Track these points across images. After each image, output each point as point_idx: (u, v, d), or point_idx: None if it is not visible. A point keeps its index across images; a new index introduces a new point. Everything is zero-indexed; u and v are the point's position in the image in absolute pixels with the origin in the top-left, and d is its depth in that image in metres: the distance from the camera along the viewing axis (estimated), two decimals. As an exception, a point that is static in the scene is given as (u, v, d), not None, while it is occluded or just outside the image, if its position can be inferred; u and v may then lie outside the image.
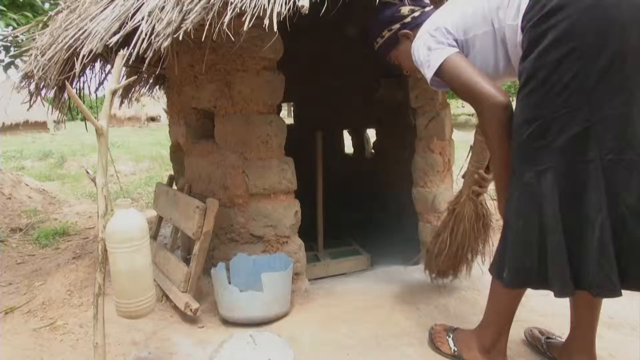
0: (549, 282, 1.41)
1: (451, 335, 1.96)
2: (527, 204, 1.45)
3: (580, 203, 1.36)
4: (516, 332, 2.08)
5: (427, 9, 1.96)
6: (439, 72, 1.64)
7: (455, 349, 1.90)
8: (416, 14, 1.94)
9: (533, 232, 1.43)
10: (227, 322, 2.27)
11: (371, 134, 5.07)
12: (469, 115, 22.55)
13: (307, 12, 1.72)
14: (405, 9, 1.95)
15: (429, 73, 1.68)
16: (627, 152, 1.32)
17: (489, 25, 1.57)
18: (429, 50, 1.67)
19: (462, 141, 3.93)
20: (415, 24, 1.89)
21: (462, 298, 2.46)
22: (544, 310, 2.27)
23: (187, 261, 2.52)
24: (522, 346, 2.00)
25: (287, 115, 14.45)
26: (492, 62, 1.63)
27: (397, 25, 1.95)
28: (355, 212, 4.40)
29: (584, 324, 1.71)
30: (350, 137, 5.28)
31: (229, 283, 2.28)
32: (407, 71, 2.05)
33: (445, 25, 1.66)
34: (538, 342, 1.93)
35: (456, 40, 1.65)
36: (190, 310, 2.22)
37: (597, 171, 1.33)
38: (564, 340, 1.86)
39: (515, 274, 1.51)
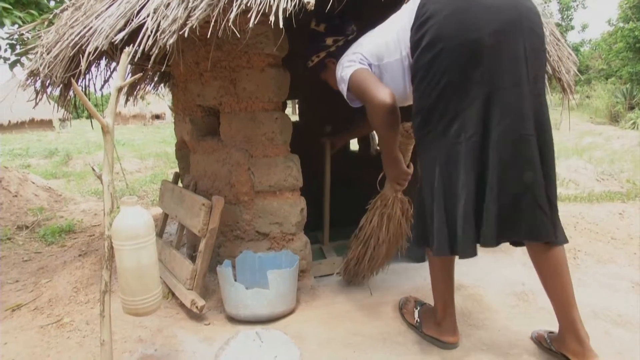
0: (432, 244, 1.70)
1: (419, 308, 2.20)
2: (425, 183, 1.75)
3: (453, 179, 1.63)
4: (507, 328, 2.10)
5: (351, 37, 2.19)
6: (350, 85, 1.90)
7: (418, 321, 2.13)
8: (340, 43, 2.19)
9: (427, 207, 1.73)
10: (233, 320, 2.27)
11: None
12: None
13: (312, 8, 1.71)
14: (329, 40, 2.19)
15: (344, 87, 1.93)
16: (489, 133, 1.58)
17: (399, 54, 1.81)
18: (344, 68, 1.93)
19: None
20: (339, 53, 2.09)
21: (468, 295, 2.45)
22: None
23: (192, 258, 2.52)
24: (513, 341, 2.02)
25: (292, 113, 14.45)
26: (402, 84, 1.86)
27: (324, 54, 2.23)
28: (359, 209, 4.39)
29: (560, 307, 1.78)
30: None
31: (235, 280, 2.28)
32: (336, 90, 2.22)
33: (362, 52, 1.92)
34: (542, 340, 1.95)
35: (370, 65, 1.90)
36: (196, 307, 2.22)
37: (466, 151, 1.60)
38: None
39: (423, 237, 1.82)
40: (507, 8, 1.57)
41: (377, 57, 1.88)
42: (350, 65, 1.91)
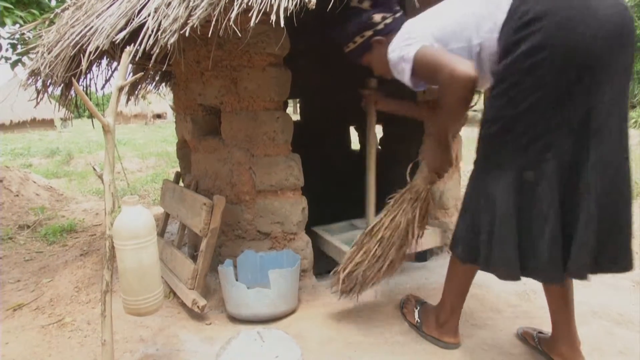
0: (493, 266, 1.60)
1: (418, 308, 2.17)
2: (484, 192, 1.60)
3: (533, 198, 1.50)
4: (509, 328, 2.10)
5: (398, 15, 1.99)
6: (415, 63, 1.68)
7: (419, 321, 2.11)
8: (388, 20, 1.95)
9: (485, 219, 1.60)
10: (235, 319, 2.27)
11: (378, 130, 5.05)
12: (475, 110, 22.46)
13: (314, 7, 1.70)
14: (377, 16, 1.95)
15: (407, 66, 1.70)
16: (581, 155, 1.45)
17: (466, 42, 1.64)
18: (405, 47, 1.72)
19: (469, 137, 3.90)
20: (388, 31, 1.92)
21: (470, 295, 2.43)
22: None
23: (194, 258, 2.52)
24: (515, 340, 2.02)
25: (293, 112, 14.44)
26: None
27: (370, 32, 1.96)
28: (361, 208, 4.38)
29: (561, 316, 1.79)
30: (357, 134, 5.26)
31: (236, 280, 2.28)
32: (379, 74, 2.08)
33: (424, 34, 1.71)
34: (529, 337, 1.97)
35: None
36: (198, 307, 2.22)
37: (553, 170, 1.46)
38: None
39: (468, 251, 1.71)
40: (618, 18, 1.42)
41: (441, 41, 1.67)
42: (411, 42, 1.69)
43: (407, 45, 1.70)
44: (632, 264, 1.51)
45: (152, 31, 1.92)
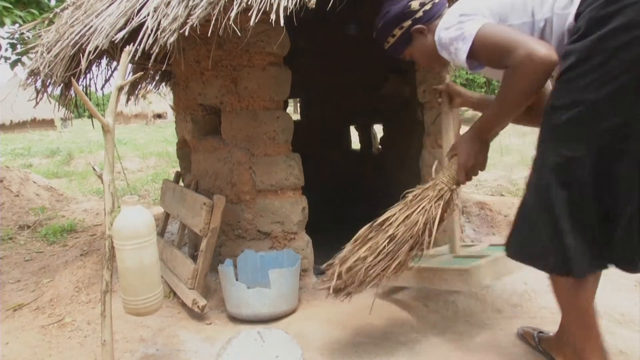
0: (612, 265, 1.43)
1: (536, 339, 1.90)
2: (553, 186, 1.39)
3: (610, 191, 1.35)
4: (510, 328, 2.08)
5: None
6: (477, 41, 1.47)
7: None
8: (427, 7, 1.76)
9: (565, 222, 1.38)
10: (235, 319, 2.26)
11: (378, 129, 5.06)
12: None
13: (313, 6, 1.70)
14: (415, 3, 1.76)
15: (464, 46, 1.49)
16: None
17: (529, 16, 1.47)
18: (460, 23, 1.51)
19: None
20: (428, 18, 1.74)
21: (470, 295, 2.44)
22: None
23: (194, 258, 2.51)
24: (515, 340, 2.01)
25: (293, 112, 14.44)
26: None
27: (409, 22, 1.77)
28: (361, 208, 4.38)
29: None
30: (357, 133, 5.26)
31: (237, 280, 2.27)
32: (424, 67, 1.98)
33: (480, 10, 1.54)
34: (529, 337, 1.94)
35: None
36: (198, 307, 2.21)
37: (631, 163, 1.32)
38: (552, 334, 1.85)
39: (561, 261, 1.42)
40: None
41: (500, 18, 1.50)
42: (468, 19, 1.50)
43: (461, 23, 1.51)
44: None
45: (152, 30, 1.92)
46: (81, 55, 2.22)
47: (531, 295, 2.42)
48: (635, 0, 1.24)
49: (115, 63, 2.92)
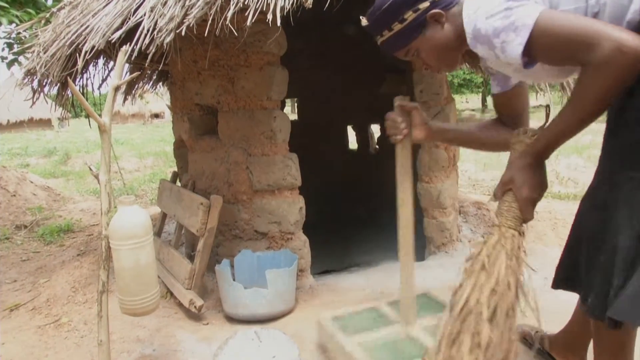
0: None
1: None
2: (627, 219, 1.14)
3: None
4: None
5: None
6: (537, 31, 1.17)
7: None
8: None
9: (625, 256, 1.15)
10: (232, 319, 2.26)
11: (375, 129, 5.05)
12: (473, 110, 22.46)
13: (310, 6, 1.70)
14: None
15: (518, 38, 1.19)
16: None
17: (582, 1, 1.21)
18: (508, 10, 1.21)
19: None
20: (448, 2, 1.41)
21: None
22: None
23: (191, 258, 2.51)
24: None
25: (290, 112, 14.44)
26: None
27: (427, 4, 1.41)
28: (358, 208, 4.39)
29: (582, 322, 1.62)
30: (354, 133, 5.26)
31: (234, 280, 2.27)
32: (428, 66, 1.58)
33: None
34: (527, 336, 1.92)
35: None
36: (195, 307, 2.21)
37: None
38: (553, 334, 1.83)
39: (600, 303, 1.22)
40: None
41: (550, 3, 1.25)
42: (517, 4, 1.19)
43: (509, 9, 1.20)
44: None
45: (148, 30, 1.92)
46: (78, 54, 2.21)
47: (532, 295, 2.42)
48: None
49: (112, 63, 2.92)
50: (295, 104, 6.02)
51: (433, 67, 1.55)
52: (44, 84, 2.63)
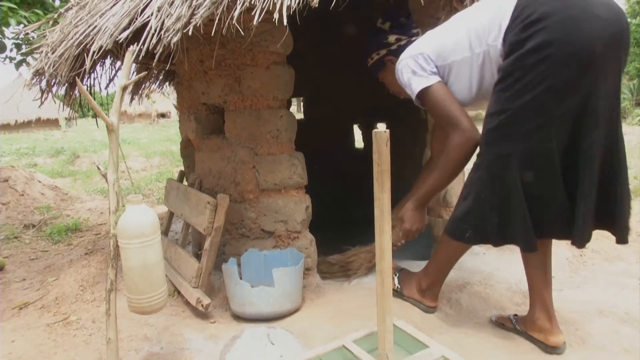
0: (511, 241, 1.76)
1: (397, 274, 2.35)
2: (490, 178, 1.73)
3: (542, 177, 1.66)
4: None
5: (413, 38, 2.13)
6: (420, 97, 1.91)
7: (398, 286, 2.30)
8: (402, 42, 2.15)
9: (494, 200, 1.72)
10: (239, 318, 2.27)
11: (381, 128, 5.04)
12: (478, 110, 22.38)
13: (317, 5, 1.70)
14: (392, 38, 2.17)
15: (412, 95, 1.95)
16: (579, 140, 1.62)
17: (467, 51, 1.80)
18: (413, 74, 1.90)
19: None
20: (400, 52, 2.03)
21: (474, 293, 2.44)
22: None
23: (198, 257, 2.52)
24: (520, 338, 2.01)
25: (297, 110, 14.44)
26: (467, 84, 1.87)
27: (384, 51, 2.19)
28: (365, 206, 4.38)
29: (538, 284, 1.92)
30: (360, 132, 5.25)
31: (240, 278, 2.28)
32: (393, 92, 2.26)
33: (426, 51, 1.89)
34: (506, 321, 2.06)
35: (437, 67, 1.89)
36: (202, 305, 2.22)
37: (555, 154, 1.63)
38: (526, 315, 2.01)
39: (479, 233, 1.82)
40: (615, 20, 1.58)
41: (442, 57, 1.88)
42: (422, 75, 1.89)
43: (417, 75, 1.89)
44: (626, 239, 1.76)
45: (155, 30, 1.92)
46: (85, 55, 2.23)
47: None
48: (544, 26, 1.56)
49: (119, 63, 2.94)
50: (301, 103, 6.02)
51: (395, 93, 2.25)
52: (52, 84, 2.64)
